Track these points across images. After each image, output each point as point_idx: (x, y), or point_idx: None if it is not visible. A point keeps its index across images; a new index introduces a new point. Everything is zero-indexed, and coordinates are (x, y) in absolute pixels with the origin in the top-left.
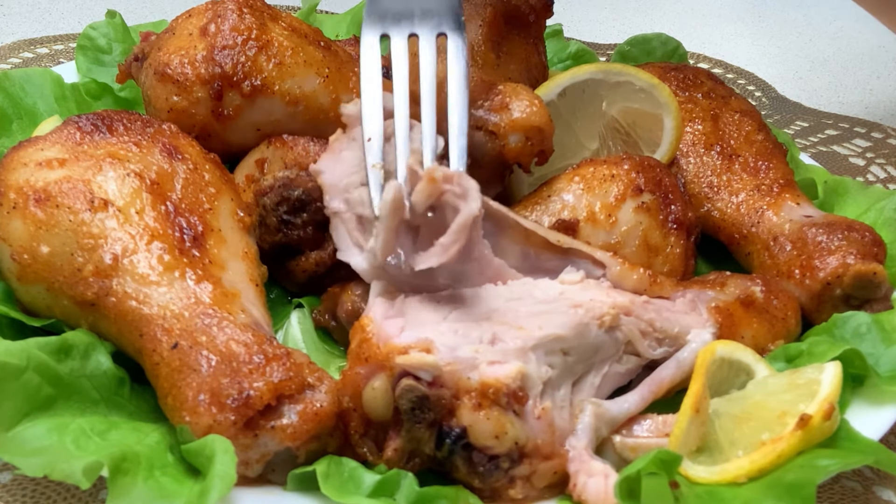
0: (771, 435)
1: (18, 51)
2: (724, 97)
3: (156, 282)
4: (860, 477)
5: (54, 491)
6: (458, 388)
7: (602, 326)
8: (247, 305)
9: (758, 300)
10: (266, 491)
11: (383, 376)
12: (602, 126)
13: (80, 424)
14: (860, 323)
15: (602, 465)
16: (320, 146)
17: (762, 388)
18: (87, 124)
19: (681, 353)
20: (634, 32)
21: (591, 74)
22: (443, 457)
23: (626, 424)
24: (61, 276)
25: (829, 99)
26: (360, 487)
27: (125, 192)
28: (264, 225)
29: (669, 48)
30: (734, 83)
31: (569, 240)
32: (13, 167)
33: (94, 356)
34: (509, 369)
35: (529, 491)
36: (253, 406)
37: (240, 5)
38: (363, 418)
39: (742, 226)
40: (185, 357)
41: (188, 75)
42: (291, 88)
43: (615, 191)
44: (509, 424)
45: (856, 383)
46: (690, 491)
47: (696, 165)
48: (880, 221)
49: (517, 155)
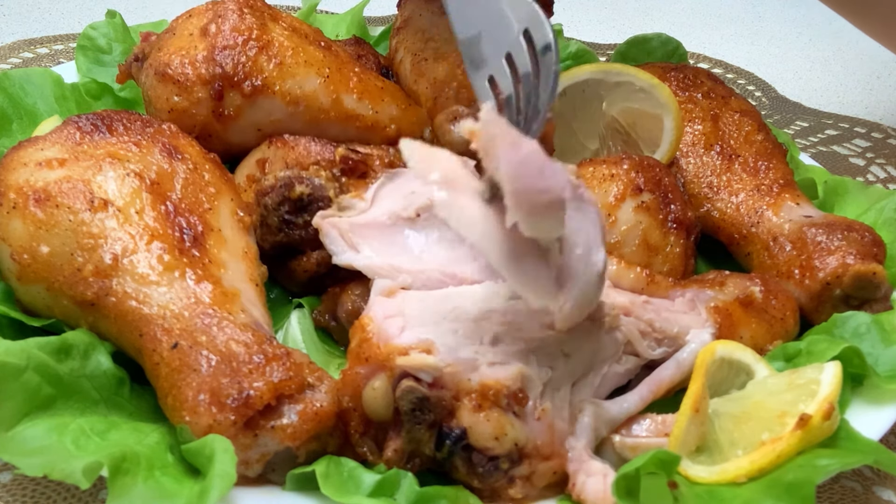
0: (770, 435)
1: (18, 51)
2: (724, 97)
3: (156, 282)
4: (860, 477)
5: (54, 491)
6: (458, 389)
7: (602, 327)
8: (247, 305)
9: (756, 300)
10: (266, 491)
11: (383, 376)
12: (602, 126)
13: (79, 424)
14: (860, 323)
15: (601, 464)
16: (321, 146)
17: (762, 387)
18: (87, 124)
19: (680, 353)
20: (634, 32)
21: (591, 74)
22: (443, 457)
23: (626, 424)
24: (61, 276)
25: (829, 99)
26: (359, 487)
27: (125, 192)
28: (265, 225)
29: (669, 48)
30: (734, 83)
31: None
32: (13, 167)
33: (94, 356)
34: (510, 370)
35: (529, 491)
36: (253, 406)
37: (240, 5)
38: (363, 418)
39: (742, 226)
40: (185, 357)
41: (189, 75)
42: (292, 88)
43: (615, 190)
44: (509, 426)
45: (855, 383)
46: (690, 491)
47: (695, 165)
48: (880, 221)
49: None
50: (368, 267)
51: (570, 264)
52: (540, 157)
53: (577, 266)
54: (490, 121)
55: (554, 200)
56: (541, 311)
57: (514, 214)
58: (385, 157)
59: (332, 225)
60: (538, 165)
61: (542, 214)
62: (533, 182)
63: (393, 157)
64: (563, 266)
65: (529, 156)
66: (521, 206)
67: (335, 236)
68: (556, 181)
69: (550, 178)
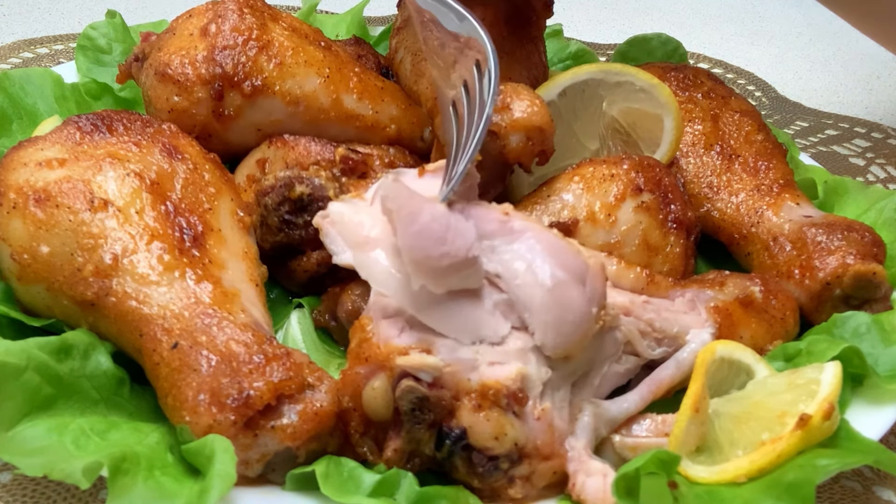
0: (770, 435)
1: (18, 51)
2: (724, 97)
3: (156, 282)
4: (860, 477)
5: (54, 491)
6: (458, 389)
7: (602, 327)
8: (247, 305)
9: (756, 300)
10: (266, 491)
11: (383, 376)
12: (602, 126)
13: (79, 424)
14: (860, 323)
15: (601, 464)
16: (321, 146)
17: (762, 388)
18: (87, 124)
19: (680, 353)
20: (634, 32)
21: (591, 74)
22: (442, 457)
23: (626, 424)
24: (61, 276)
25: (829, 99)
26: (359, 487)
27: (125, 192)
28: (265, 225)
29: (669, 48)
30: (734, 83)
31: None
32: (13, 167)
33: (94, 356)
34: (509, 370)
35: (529, 491)
36: (253, 406)
37: (240, 5)
38: (363, 418)
39: (742, 226)
40: (185, 357)
41: (189, 75)
42: (292, 88)
43: (615, 190)
44: (509, 426)
45: (855, 383)
46: (690, 491)
47: (695, 165)
48: (880, 221)
49: (518, 155)
50: None
51: (517, 295)
52: (440, 224)
53: (526, 294)
54: (389, 195)
55: (456, 263)
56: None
57: (417, 281)
58: (385, 157)
59: (332, 223)
60: (437, 233)
61: (446, 277)
62: (431, 251)
63: (393, 157)
64: (511, 300)
65: (427, 226)
66: (421, 274)
67: (335, 236)
68: (458, 244)
69: (451, 244)
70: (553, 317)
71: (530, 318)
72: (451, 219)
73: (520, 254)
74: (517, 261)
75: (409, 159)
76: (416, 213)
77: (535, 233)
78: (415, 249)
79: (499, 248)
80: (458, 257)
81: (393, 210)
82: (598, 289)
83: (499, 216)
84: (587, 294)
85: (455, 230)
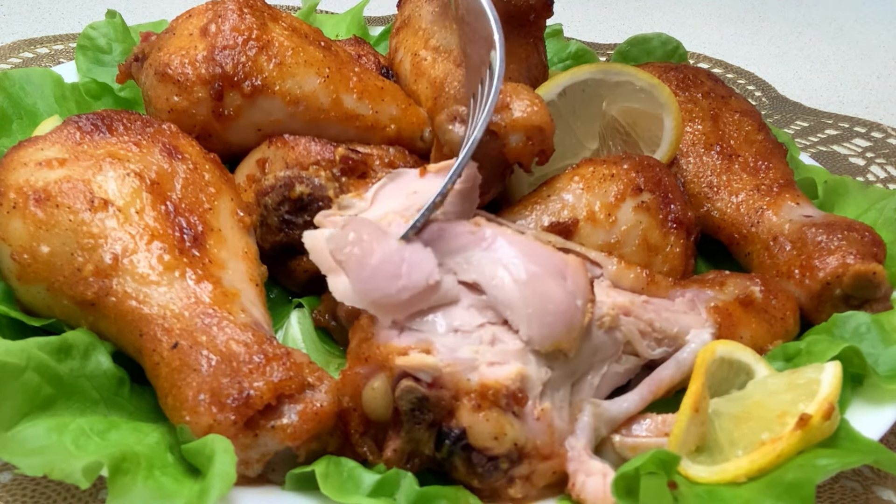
0: (770, 435)
1: (18, 51)
2: (724, 97)
3: (156, 281)
4: (860, 477)
5: (54, 491)
6: (457, 389)
7: (602, 327)
8: (247, 305)
9: (757, 300)
10: (266, 491)
11: (383, 376)
12: (602, 126)
13: (79, 424)
14: (860, 323)
15: (600, 464)
16: (321, 146)
17: (762, 387)
18: (87, 124)
19: (680, 353)
20: (634, 32)
21: (591, 74)
22: (442, 457)
23: (626, 424)
24: (61, 275)
25: (829, 99)
26: (359, 487)
27: (125, 191)
28: (266, 225)
29: (669, 48)
30: (734, 83)
31: (562, 241)
32: (13, 167)
33: (94, 356)
34: (509, 370)
35: (529, 490)
36: (253, 406)
37: (240, 5)
38: (363, 418)
39: (742, 226)
40: (185, 357)
41: (189, 75)
42: (292, 88)
43: (615, 190)
44: (508, 426)
45: (855, 383)
46: (690, 490)
47: (695, 165)
48: (880, 221)
49: (518, 154)
50: None
51: (496, 296)
52: (392, 262)
53: (504, 294)
54: (335, 246)
55: (417, 294)
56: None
57: (384, 319)
58: (385, 157)
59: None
60: (391, 271)
61: (411, 307)
62: (387, 290)
63: (393, 157)
64: (491, 303)
65: (379, 267)
66: (382, 312)
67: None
68: (415, 276)
69: (407, 276)
70: (534, 308)
71: (512, 315)
72: (406, 252)
73: (494, 258)
74: (492, 265)
75: (409, 159)
76: (366, 256)
77: (506, 237)
78: (370, 292)
79: (473, 257)
80: (417, 288)
81: (342, 260)
82: (581, 283)
83: (469, 228)
84: (568, 287)
85: (410, 262)
